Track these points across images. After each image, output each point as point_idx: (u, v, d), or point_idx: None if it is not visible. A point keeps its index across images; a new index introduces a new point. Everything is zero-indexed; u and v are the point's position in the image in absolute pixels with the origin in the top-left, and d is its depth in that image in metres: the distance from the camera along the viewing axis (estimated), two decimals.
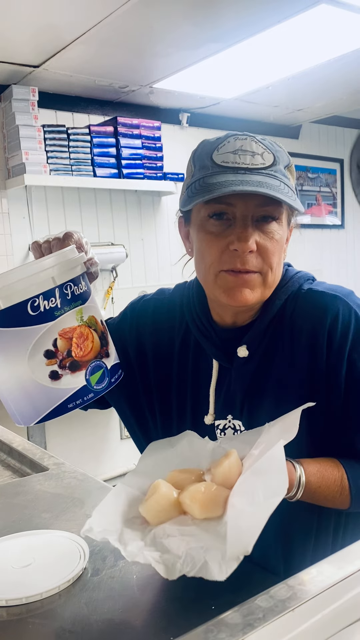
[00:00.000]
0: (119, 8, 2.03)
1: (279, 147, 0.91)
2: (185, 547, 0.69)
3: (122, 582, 0.86)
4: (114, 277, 3.24)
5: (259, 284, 0.89)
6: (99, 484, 1.26)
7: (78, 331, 0.85)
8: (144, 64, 2.61)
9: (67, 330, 0.84)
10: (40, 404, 0.85)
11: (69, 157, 2.85)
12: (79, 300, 0.86)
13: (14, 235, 2.91)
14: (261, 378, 0.96)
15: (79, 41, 2.30)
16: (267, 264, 0.88)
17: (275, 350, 0.95)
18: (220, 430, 0.99)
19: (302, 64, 2.73)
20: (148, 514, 0.78)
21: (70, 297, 0.85)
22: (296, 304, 0.95)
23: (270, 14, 2.16)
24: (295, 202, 0.86)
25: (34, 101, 2.72)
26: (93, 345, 0.87)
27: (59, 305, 0.83)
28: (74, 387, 0.85)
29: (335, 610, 0.43)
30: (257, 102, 3.33)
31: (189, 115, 3.44)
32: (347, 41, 2.49)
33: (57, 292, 0.83)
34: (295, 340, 0.93)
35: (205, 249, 0.90)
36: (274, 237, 0.88)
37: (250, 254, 0.86)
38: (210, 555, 0.66)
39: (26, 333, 0.82)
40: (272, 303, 0.95)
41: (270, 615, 0.42)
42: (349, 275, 4.50)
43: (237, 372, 0.97)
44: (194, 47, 2.44)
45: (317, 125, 4.19)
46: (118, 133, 2.99)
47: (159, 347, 1.05)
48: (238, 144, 0.87)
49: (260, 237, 0.87)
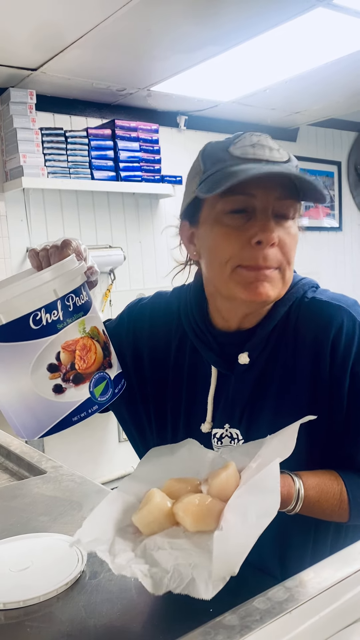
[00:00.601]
0: (117, 11, 2.03)
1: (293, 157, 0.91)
2: (174, 562, 0.68)
3: (120, 585, 0.86)
4: (111, 280, 3.25)
5: (279, 280, 0.88)
6: (97, 487, 1.26)
7: (81, 343, 0.84)
8: (142, 66, 2.62)
9: (70, 342, 0.83)
10: (44, 418, 0.84)
11: (66, 160, 2.85)
12: (81, 311, 0.85)
13: (12, 238, 2.91)
14: (262, 386, 0.94)
15: (76, 44, 2.30)
16: (286, 259, 0.87)
17: (277, 358, 0.93)
18: (217, 439, 0.97)
19: (299, 66, 2.74)
20: (141, 524, 0.77)
21: (72, 309, 0.84)
22: (300, 312, 0.93)
23: (268, 17, 2.17)
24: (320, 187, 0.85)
25: (31, 104, 2.73)
26: (96, 357, 0.87)
27: (61, 318, 0.82)
28: (78, 400, 0.84)
29: (332, 612, 0.43)
30: (255, 104, 3.33)
31: (187, 118, 3.45)
32: (344, 44, 2.50)
33: (59, 304, 0.82)
34: (298, 350, 0.91)
35: (223, 243, 0.87)
36: (290, 232, 0.88)
37: (272, 247, 0.85)
38: (198, 573, 0.66)
39: (28, 347, 0.80)
40: (276, 309, 0.93)
41: (268, 617, 0.42)
42: (347, 277, 4.51)
43: (237, 379, 0.95)
44: (191, 50, 2.44)
45: (314, 128, 4.20)
46: (116, 136, 3.00)
47: (155, 351, 1.04)
48: (255, 139, 0.87)
49: (280, 232, 0.86)
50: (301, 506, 0.83)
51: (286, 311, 0.94)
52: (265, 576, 0.89)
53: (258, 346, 0.93)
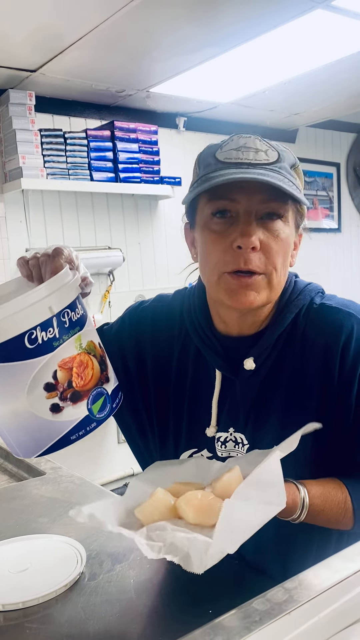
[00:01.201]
0: (116, 13, 2.03)
1: (285, 149, 0.89)
2: (171, 537, 0.69)
3: (119, 587, 0.86)
4: (110, 281, 3.25)
5: (264, 286, 0.86)
6: (96, 488, 1.26)
7: (78, 360, 0.81)
8: (141, 68, 2.62)
9: (66, 360, 0.80)
10: (42, 438, 0.81)
11: (66, 161, 2.85)
12: (77, 326, 0.82)
13: (11, 239, 2.91)
14: (268, 391, 0.93)
15: (76, 46, 2.30)
16: (271, 264, 0.85)
17: (284, 363, 0.92)
18: (221, 442, 0.97)
19: (298, 68, 2.74)
20: (142, 516, 0.78)
21: (69, 325, 0.81)
22: (308, 318, 0.93)
23: (267, 18, 2.17)
24: (300, 195, 0.83)
25: (31, 105, 2.73)
26: (93, 373, 0.84)
27: (57, 335, 0.79)
28: (76, 418, 0.82)
29: (331, 613, 0.43)
30: (254, 106, 3.34)
31: (186, 120, 3.45)
32: (343, 46, 2.51)
33: (55, 321, 0.79)
34: (307, 356, 0.91)
35: (210, 249, 0.87)
36: (279, 235, 0.85)
37: (253, 251, 0.83)
38: (194, 548, 0.66)
39: (24, 367, 0.77)
40: (283, 316, 0.92)
41: (267, 618, 0.42)
42: (345, 278, 4.51)
43: (242, 384, 0.94)
44: (190, 51, 2.45)
45: (313, 129, 4.21)
46: (115, 137, 3.00)
47: (158, 355, 1.03)
48: (242, 142, 0.86)
49: (265, 235, 0.84)
50: (306, 515, 0.83)
51: (294, 317, 0.93)
52: (265, 577, 0.89)
53: (264, 352, 0.93)
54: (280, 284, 0.89)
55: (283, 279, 0.89)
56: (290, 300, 0.93)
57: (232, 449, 0.96)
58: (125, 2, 1.96)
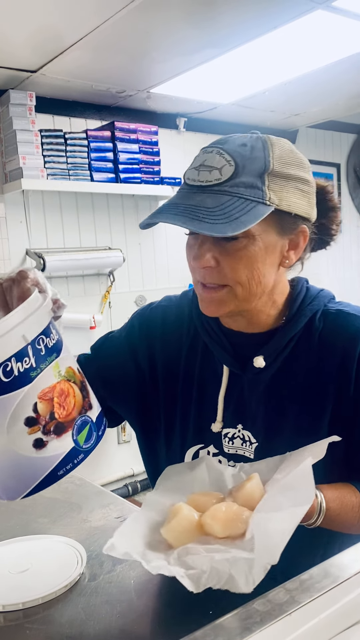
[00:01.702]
0: (116, 14, 2.03)
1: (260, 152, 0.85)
2: (210, 562, 0.69)
3: (119, 587, 0.86)
4: (110, 282, 3.25)
5: (231, 298, 0.88)
6: (97, 489, 1.26)
7: (58, 389, 0.76)
8: (141, 69, 2.62)
9: (46, 390, 0.74)
10: (27, 477, 0.76)
11: (66, 162, 2.85)
12: (54, 352, 0.77)
13: (11, 239, 2.91)
14: (280, 391, 0.94)
15: (76, 46, 2.30)
16: (231, 279, 0.86)
17: (297, 364, 0.94)
18: (228, 439, 0.97)
19: (298, 69, 2.74)
20: (170, 536, 0.77)
21: (45, 352, 0.75)
22: (325, 322, 0.94)
23: (267, 19, 2.17)
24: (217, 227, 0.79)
25: (31, 106, 2.73)
26: (75, 401, 0.79)
27: (34, 365, 0.73)
28: (62, 452, 0.77)
29: (332, 614, 0.43)
30: (254, 107, 3.34)
31: (186, 120, 3.45)
32: (343, 46, 2.51)
33: (30, 349, 0.73)
34: (324, 359, 0.92)
35: (187, 259, 0.92)
36: (237, 253, 0.84)
37: (208, 269, 0.86)
38: (236, 569, 0.66)
39: (1, 403, 0.72)
40: (297, 318, 0.94)
41: (268, 619, 0.42)
42: (345, 279, 4.51)
43: (250, 381, 0.95)
44: (191, 52, 2.45)
45: (313, 130, 4.21)
46: (115, 138, 3.00)
47: (167, 353, 1.04)
48: (203, 158, 0.86)
49: (220, 253, 0.85)
50: (322, 519, 0.83)
51: (308, 321, 0.94)
52: (266, 578, 0.89)
53: (274, 352, 0.94)
54: (252, 294, 0.88)
55: (256, 291, 0.88)
56: (305, 305, 0.95)
57: (240, 446, 0.96)
58: (126, 3, 1.96)
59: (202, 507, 0.80)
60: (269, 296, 0.93)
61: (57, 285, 3.05)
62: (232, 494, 0.81)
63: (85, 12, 2.02)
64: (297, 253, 0.92)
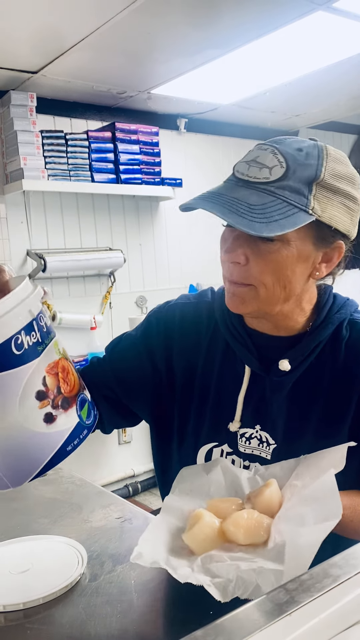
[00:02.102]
0: (117, 14, 2.04)
1: (313, 160, 0.85)
2: (235, 570, 0.69)
3: (120, 588, 0.86)
4: (111, 282, 3.25)
5: (252, 297, 0.88)
6: (97, 489, 1.26)
7: (61, 365, 0.77)
8: (142, 70, 2.63)
9: (52, 365, 0.76)
10: (37, 455, 0.75)
11: (67, 163, 2.86)
12: (52, 331, 0.79)
13: (12, 240, 2.91)
14: (304, 395, 0.94)
15: (77, 47, 2.31)
16: (255, 279, 0.86)
17: (322, 370, 0.94)
18: (245, 438, 0.97)
19: (299, 70, 2.74)
20: (193, 543, 0.77)
21: (46, 329, 0.77)
22: (352, 331, 0.95)
23: (268, 20, 2.18)
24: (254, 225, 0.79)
25: (32, 107, 2.73)
26: (74, 378, 0.81)
27: (40, 339, 0.74)
28: (70, 426, 0.78)
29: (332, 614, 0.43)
30: (255, 107, 3.34)
31: (187, 121, 3.46)
32: (344, 47, 2.51)
33: (35, 325, 0.74)
34: (349, 367, 0.93)
35: (220, 251, 0.91)
36: (269, 255, 0.84)
37: (235, 265, 0.86)
38: (263, 579, 0.66)
39: (13, 377, 0.71)
40: (325, 325, 0.94)
41: (268, 619, 0.42)
42: (347, 280, 4.51)
43: (273, 383, 0.95)
44: (191, 53, 2.45)
45: (314, 130, 4.21)
46: (116, 138, 3.01)
47: (185, 349, 1.03)
48: (255, 154, 0.86)
49: (253, 252, 0.85)
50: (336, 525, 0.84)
51: (335, 328, 0.95)
52: None
53: (300, 356, 0.94)
54: (275, 298, 0.88)
55: (279, 296, 0.88)
56: (332, 313, 0.95)
57: (256, 447, 0.97)
58: (127, 4, 1.96)
59: (222, 513, 0.80)
60: (296, 304, 0.93)
61: (58, 286, 3.06)
62: (250, 500, 0.82)
63: (86, 13, 2.03)
64: (329, 267, 0.91)
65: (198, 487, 0.89)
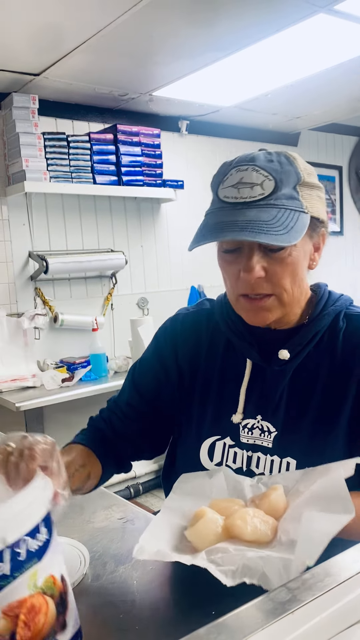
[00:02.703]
0: (119, 17, 2.04)
1: (288, 166, 0.91)
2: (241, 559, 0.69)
3: (122, 588, 0.86)
4: (113, 284, 3.25)
5: (276, 306, 0.94)
6: (99, 490, 1.26)
7: (29, 603, 0.61)
8: (144, 72, 2.63)
9: (14, 605, 0.60)
10: None
11: (68, 165, 2.86)
12: (35, 557, 0.63)
13: (14, 242, 2.92)
14: (302, 383, 0.98)
15: (79, 49, 2.32)
16: (278, 286, 0.92)
17: (321, 359, 0.98)
18: (247, 429, 1.00)
19: (300, 72, 2.75)
20: (195, 539, 0.78)
21: (25, 558, 0.61)
22: (349, 322, 1.00)
23: (270, 23, 2.18)
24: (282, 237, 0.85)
25: (34, 109, 2.74)
26: (46, 620, 0.63)
27: (8, 572, 0.60)
28: None
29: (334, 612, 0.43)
30: (256, 109, 3.35)
31: (188, 123, 3.46)
32: (345, 50, 2.52)
33: (8, 555, 0.60)
34: (347, 356, 0.97)
35: (225, 275, 0.97)
36: (284, 261, 0.91)
37: (258, 280, 0.90)
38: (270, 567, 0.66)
39: None
40: (322, 317, 0.99)
41: (270, 618, 0.42)
42: (347, 281, 4.51)
43: (273, 372, 1.00)
44: (193, 55, 2.46)
45: (315, 132, 4.22)
46: (118, 140, 3.01)
47: (188, 350, 1.09)
48: (239, 176, 0.90)
49: (269, 263, 0.91)
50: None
51: (332, 320, 1.00)
52: None
53: (298, 346, 0.99)
54: (294, 299, 0.95)
55: (297, 293, 0.95)
56: (329, 305, 1.01)
57: (258, 436, 1.00)
58: (128, 7, 1.97)
59: (224, 512, 0.80)
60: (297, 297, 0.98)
61: (59, 288, 3.06)
62: (254, 502, 0.82)
63: (88, 15, 2.03)
64: (319, 254, 0.99)
65: (200, 489, 0.90)
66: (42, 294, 3.00)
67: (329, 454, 0.93)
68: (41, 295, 3.00)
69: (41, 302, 3.00)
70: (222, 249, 0.94)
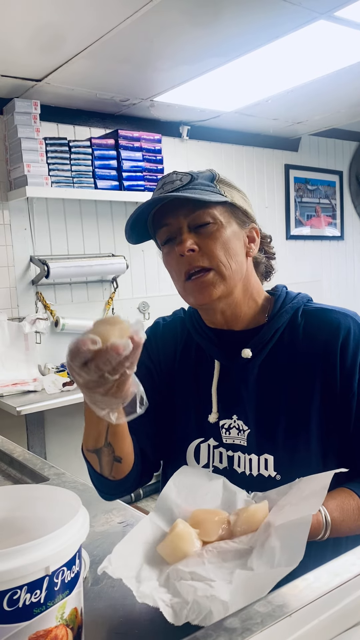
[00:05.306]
0: (121, 23, 2.06)
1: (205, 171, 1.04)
2: (194, 594, 0.71)
3: (122, 591, 0.86)
4: (114, 288, 3.26)
5: (218, 280, 0.99)
6: None
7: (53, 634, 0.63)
8: (145, 77, 2.65)
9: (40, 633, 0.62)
10: None
11: (70, 169, 2.88)
12: (67, 589, 0.64)
13: (16, 246, 2.93)
14: (268, 379, 1.01)
15: (80, 55, 2.33)
16: (214, 258, 0.98)
17: (283, 355, 1.02)
18: (225, 429, 1.03)
19: (301, 77, 2.76)
20: (164, 554, 0.80)
21: (59, 587, 0.63)
22: (307, 318, 1.04)
23: (270, 29, 2.19)
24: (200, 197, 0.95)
25: (36, 114, 2.76)
26: None
27: (42, 600, 0.61)
28: None
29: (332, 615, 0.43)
30: (257, 115, 3.36)
31: (189, 128, 3.48)
32: (345, 56, 2.53)
33: (46, 583, 0.61)
34: (308, 351, 1.00)
35: (168, 267, 1.04)
36: (213, 235, 0.98)
37: (192, 253, 0.98)
38: (215, 606, 0.68)
39: None
40: (280, 315, 1.04)
41: (269, 620, 0.42)
42: (348, 286, 4.52)
43: (239, 371, 1.03)
44: (194, 61, 2.47)
45: (316, 137, 4.23)
46: (119, 145, 3.03)
47: (165, 357, 1.13)
48: (165, 179, 1.03)
49: (199, 238, 0.99)
50: (330, 530, 0.87)
51: (290, 317, 1.04)
52: None
53: (260, 344, 1.03)
54: (235, 275, 1.00)
55: (237, 271, 1.01)
56: (286, 303, 1.06)
57: (236, 436, 1.03)
58: (130, 13, 1.98)
59: (202, 523, 0.83)
60: (245, 288, 1.04)
61: (61, 292, 3.07)
62: (237, 513, 0.84)
63: (90, 21, 2.05)
64: (256, 245, 1.06)
65: (197, 486, 0.91)
66: (43, 298, 3.01)
67: (303, 448, 0.96)
68: (42, 300, 3.01)
69: (42, 306, 3.01)
70: (161, 242, 1.03)
